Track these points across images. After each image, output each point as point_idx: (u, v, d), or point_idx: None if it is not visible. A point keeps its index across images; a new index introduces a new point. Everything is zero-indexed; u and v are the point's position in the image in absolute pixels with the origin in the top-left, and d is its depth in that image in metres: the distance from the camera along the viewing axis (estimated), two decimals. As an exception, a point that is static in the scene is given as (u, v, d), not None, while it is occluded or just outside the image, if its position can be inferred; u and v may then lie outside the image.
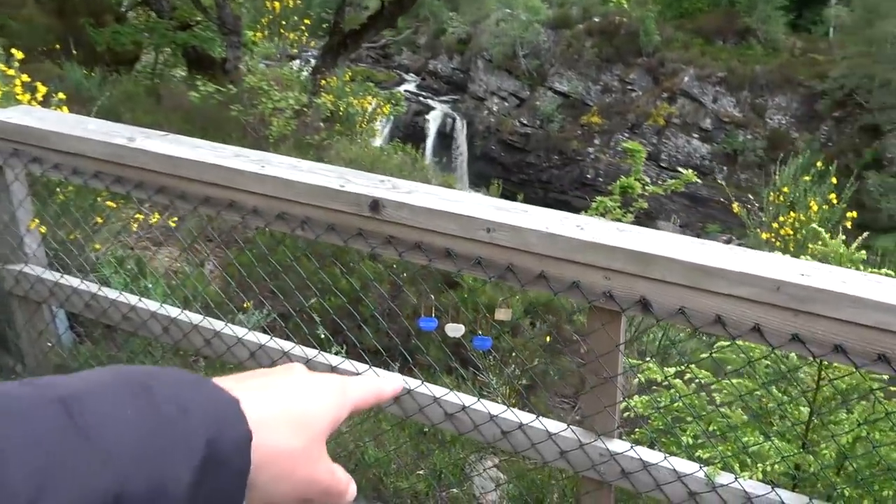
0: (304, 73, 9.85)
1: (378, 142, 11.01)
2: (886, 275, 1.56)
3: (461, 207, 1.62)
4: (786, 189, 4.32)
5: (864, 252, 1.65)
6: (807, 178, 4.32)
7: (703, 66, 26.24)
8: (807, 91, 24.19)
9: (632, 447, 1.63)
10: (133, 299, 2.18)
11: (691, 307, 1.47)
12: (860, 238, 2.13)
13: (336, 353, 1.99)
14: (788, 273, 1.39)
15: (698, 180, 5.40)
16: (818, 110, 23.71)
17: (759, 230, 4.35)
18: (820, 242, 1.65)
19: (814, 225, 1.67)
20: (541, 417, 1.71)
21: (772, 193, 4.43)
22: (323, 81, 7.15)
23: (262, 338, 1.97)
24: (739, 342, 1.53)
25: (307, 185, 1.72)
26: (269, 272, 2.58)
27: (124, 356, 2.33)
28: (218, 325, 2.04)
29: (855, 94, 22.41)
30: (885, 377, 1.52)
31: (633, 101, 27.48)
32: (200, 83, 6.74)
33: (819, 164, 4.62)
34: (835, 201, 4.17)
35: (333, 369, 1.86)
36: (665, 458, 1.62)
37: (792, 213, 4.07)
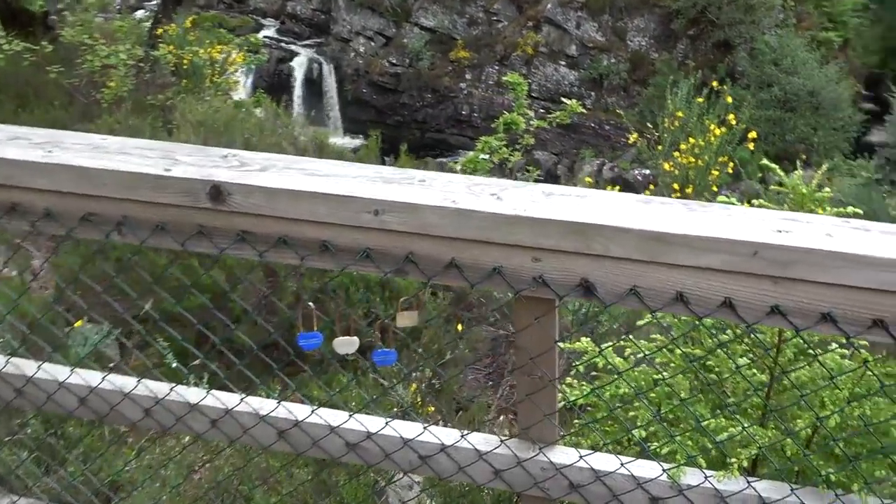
0: (148, 25, 8.72)
1: (241, 95, 10.09)
2: (856, 214, 1.32)
3: (336, 184, 1.21)
4: (680, 113, 4.18)
5: (828, 190, 1.42)
6: (700, 99, 4.20)
7: (564, -8, 26.30)
8: (663, 11, 24.81)
9: (581, 457, 1.34)
10: None
11: (646, 285, 1.16)
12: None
13: (195, 384, 1.56)
14: (764, 232, 1.10)
15: (583, 110, 5.21)
16: (674, 30, 24.47)
17: (661, 161, 4.21)
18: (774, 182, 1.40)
19: (765, 161, 1.42)
20: (467, 435, 1.37)
21: (665, 119, 4.28)
22: (160, 31, 6.23)
23: (93, 378, 1.48)
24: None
25: (117, 174, 1.24)
26: (103, 274, 2.05)
27: None
28: (29, 367, 1.53)
29: (707, 11, 23.24)
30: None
31: (499, 32, 27.18)
32: (4, 41, 5.65)
33: (715, 83, 4.51)
34: (733, 122, 4.07)
35: (194, 407, 1.43)
36: (622, 464, 1.33)
37: (691, 139, 3.94)
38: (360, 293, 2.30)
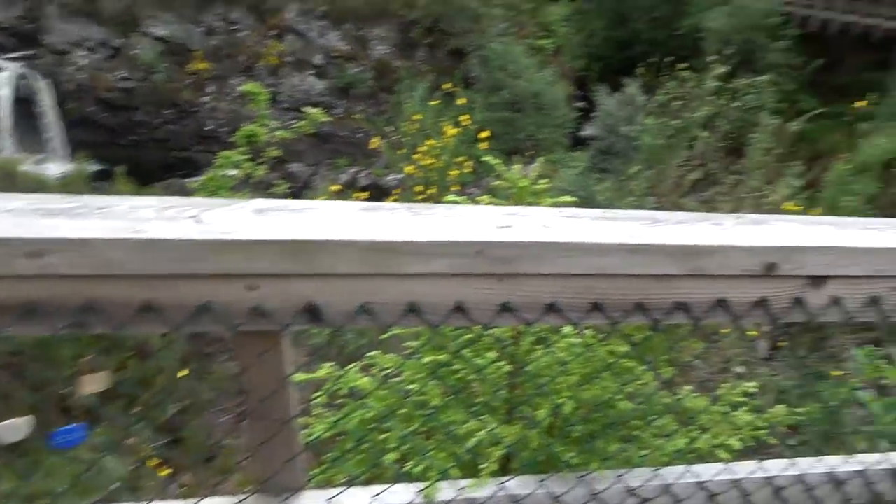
0: None
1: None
2: (571, 203, 1.37)
3: (-26, 223, 0.94)
4: (418, 116, 4.27)
5: (545, 181, 1.45)
6: (434, 102, 4.33)
7: (304, 1, 26.11)
8: (401, 21, 25.92)
9: (328, 499, 1.21)
10: None
11: (377, 300, 1.06)
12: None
13: None
14: (487, 230, 1.07)
15: (328, 118, 5.11)
16: (413, 38, 25.69)
17: (402, 165, 4.25)
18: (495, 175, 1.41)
19: (488, 158, 1.45)
20: (200, 502, 1.17)
21: (405, 124, 4.35)
22: None
23: None
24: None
25: None
26: None
27: None
28: None
29: (440, 21, 24.77)
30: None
31: (241, 41, 26.14)
32: None
33: (448, 85, 4.68)
34: (466, 122, 4.26)
35: None
36: (374, 495, 1.23)
37: (430, 141, 4.04)
38: (58, 349, 1.91)
